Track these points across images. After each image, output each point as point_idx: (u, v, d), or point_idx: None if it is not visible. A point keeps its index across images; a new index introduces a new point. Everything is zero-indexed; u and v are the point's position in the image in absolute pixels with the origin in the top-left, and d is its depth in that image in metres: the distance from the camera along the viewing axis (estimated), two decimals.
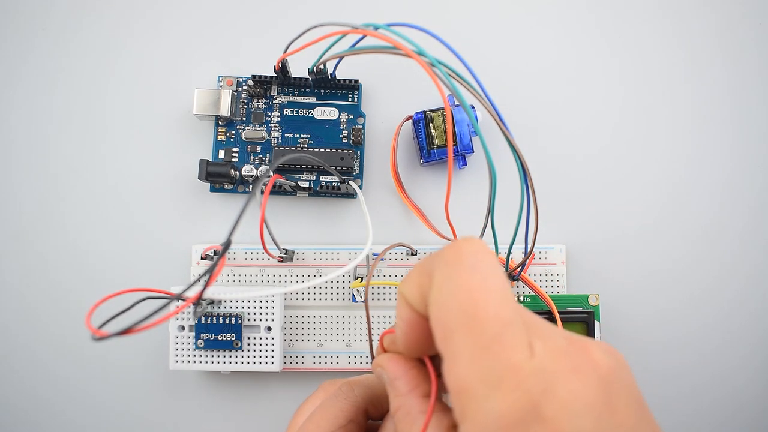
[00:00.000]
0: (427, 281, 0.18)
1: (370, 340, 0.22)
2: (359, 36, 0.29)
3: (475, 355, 0.16)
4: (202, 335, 0.33)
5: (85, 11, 0.39)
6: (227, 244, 0.20)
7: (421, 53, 0.24)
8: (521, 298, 0.35)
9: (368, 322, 0.23)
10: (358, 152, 0.37)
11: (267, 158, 0.37)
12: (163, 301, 0.19)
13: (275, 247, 0.34)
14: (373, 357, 0.22)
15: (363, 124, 0.37)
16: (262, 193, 0.27)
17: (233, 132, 0.37)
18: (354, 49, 0.28)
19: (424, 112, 0.36)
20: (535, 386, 0.15)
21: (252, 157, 0.37)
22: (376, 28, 0.25)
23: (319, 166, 0.36)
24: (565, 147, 0.38)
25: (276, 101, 0.37)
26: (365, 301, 0.23)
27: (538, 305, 0.35)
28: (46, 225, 0.38)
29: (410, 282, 0.19)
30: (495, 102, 0.26)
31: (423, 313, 0.18)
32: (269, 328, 0.34)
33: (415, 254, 0.36)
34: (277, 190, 0.36)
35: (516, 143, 0.26)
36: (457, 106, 0.36)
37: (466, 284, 0.17)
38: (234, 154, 0.37)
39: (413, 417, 0.19)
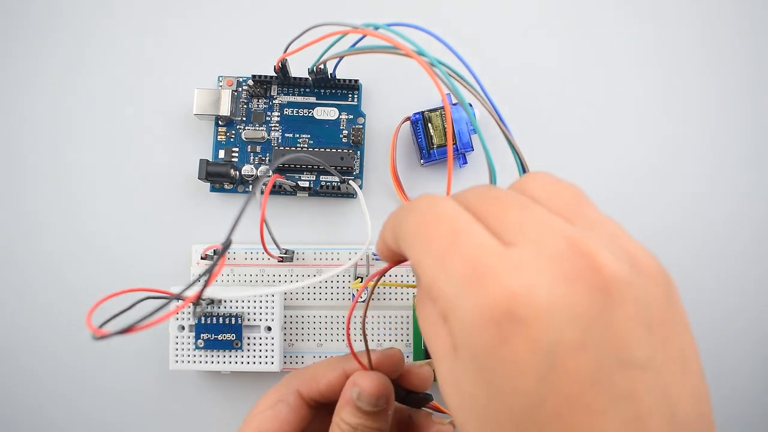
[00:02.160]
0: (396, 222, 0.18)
1: (365, 338, 0.23)
2: (359, 36, 0.29)
3: (436, 255, 0.15)
4: (202, 335, 0.33)
5: (86, 12, 0.39)
6: (227, 244, 0.20)
7: (421, 53, 0.24)
8: None
9: (363, 323, 0.23)
10: (358, 152, 0.37)
11: (267, 158, 0.37)
12: (163, 301, 0.19)
13: (275, 247, 0.34)
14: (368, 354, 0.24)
15: (363, 124, 0.37)
16: (262, 193, 0.27)
17: (233, 132, 0.37)
18: (354, 49, 0.28)
19: (422, 112, 0.36)
20: (508, 282, 0.14)
21: (252, 157, 0.37)
22: (376, 28, 0.25)
23: (319, 166, 0.36)
24: (565, 146, 0.38)
25: (276, 101, 0.37)
26: (366, 300, 0.24)
27: None
28: (45, 225, 0.38)
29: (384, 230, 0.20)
30: (495, 102, 0.26)
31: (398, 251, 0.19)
32: (269, 328, 0.34)
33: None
34: (277, 190, 0.36)
35: (516, 143, 0.26)
36: (455, 104, 0.36)
37: (423, 200, 0.17)
38: (234, 154, 0.37)
39: None
